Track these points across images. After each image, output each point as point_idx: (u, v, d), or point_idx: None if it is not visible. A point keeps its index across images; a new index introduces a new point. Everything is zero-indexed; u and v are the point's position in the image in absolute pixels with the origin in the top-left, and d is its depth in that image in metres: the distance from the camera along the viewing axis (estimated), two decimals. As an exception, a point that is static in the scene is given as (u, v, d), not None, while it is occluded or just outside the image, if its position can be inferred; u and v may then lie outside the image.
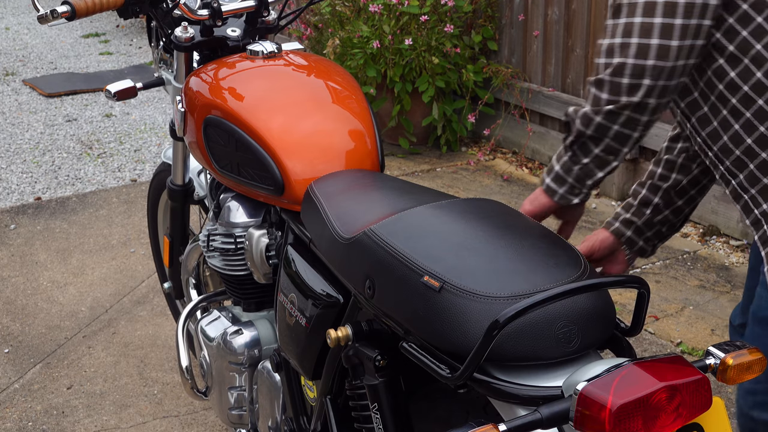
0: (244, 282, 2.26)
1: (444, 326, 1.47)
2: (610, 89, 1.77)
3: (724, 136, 1.83)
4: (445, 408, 1.76)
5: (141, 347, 3.36)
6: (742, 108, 1.79)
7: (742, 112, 1.79)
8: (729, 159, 1.84)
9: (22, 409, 3.04)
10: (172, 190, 2.68)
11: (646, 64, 1.73)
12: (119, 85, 2.48)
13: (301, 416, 2.14)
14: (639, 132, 1.83)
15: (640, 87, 1.75)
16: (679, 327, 3.40)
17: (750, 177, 1.82)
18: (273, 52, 2.28)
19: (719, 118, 1.83)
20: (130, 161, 5.16)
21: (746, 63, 1.77)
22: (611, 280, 1.47)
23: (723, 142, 1.83)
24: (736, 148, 1.82)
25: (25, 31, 8.00)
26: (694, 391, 1.30)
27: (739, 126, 1.80)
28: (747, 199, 1.83)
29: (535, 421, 1.29)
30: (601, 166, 1.88)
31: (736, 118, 1.80)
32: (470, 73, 4.94)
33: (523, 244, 1.58)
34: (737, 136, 1.81)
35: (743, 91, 1.78)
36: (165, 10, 2.34)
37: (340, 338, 1.72)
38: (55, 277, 3.88)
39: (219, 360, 2.30)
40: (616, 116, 1.79)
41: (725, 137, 1.83)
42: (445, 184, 4.74)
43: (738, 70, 1.78)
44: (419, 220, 1.68)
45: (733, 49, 1.77)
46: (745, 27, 1.76)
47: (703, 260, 3.87)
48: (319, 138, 2.10)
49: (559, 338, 1.43)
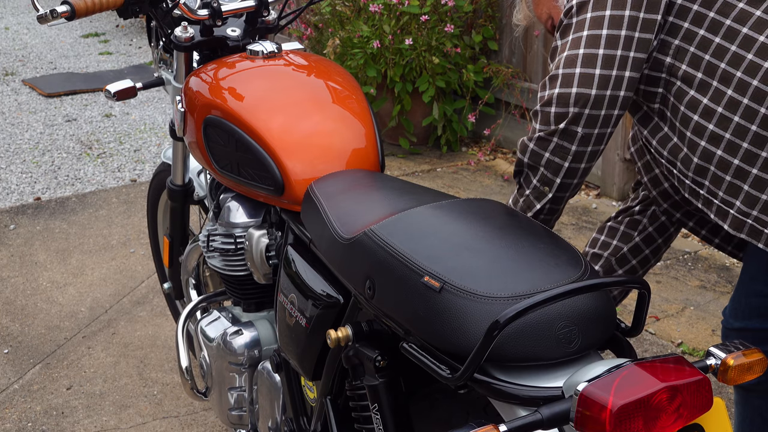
0: (244, 282, 2.26)
1: (444, 327, 1.47)
2: (541, 118, 1.87)
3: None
4: (446, 408, 1.76)
5: (141, 348, 3.36)
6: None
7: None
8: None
9: (22, 410, 3.03)
10: (171, 190, 2.67)
11: (570, 91, 1.81)
12: (119, 85, 2.48)
13: (301, 417, 2.14)
14: (569, 162, 1.88)
15: (566, 115, 1.83)
16: (680, 327, 3.40)
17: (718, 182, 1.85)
18: (273, 52, 2.27)
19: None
20: (130, 161, 5.15)
21: (715, 86, 1.80)
22: (612, 280, 1.47)
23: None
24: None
25: (25, 30, 8.00)
26: (694, 392, 1.30)
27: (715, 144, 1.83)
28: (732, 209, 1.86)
29: (535, 422, 1.29)
30: (539, 197, 1.95)
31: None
32: (471, 73, 4.93)
33: (523, 245, 1.58)
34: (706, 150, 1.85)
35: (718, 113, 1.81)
36: (165, 9, 2.34)
37: (340, 339, 1.72)
38: (55, 277, 3.87)
39: (219, 360, 2.30)
40: (546, 143, 1.87)
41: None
42: (445, 185, 4.74)
43: (709, 95, 1.81)
44: (419, 221, 1.68)
45: (702, 75, 1.82)
46: (706, 51, 1.81)
47: (703, 260, 3.86)
48: (319, 138, 2.10)
49: (559, 339, 1.43)
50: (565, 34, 1.87)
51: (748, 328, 2.05)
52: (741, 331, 2.07)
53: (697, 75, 1.81)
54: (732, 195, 1.82)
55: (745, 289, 2.05)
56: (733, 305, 2.10)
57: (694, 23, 1.82)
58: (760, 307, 2.03)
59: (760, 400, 2.10)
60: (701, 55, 1.80)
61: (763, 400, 2.09)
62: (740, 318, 2.07)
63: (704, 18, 1.80)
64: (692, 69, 1.82)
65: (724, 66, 1.78)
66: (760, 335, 2.03)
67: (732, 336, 2.11)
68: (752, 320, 2.04)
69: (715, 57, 1.79)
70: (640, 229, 2.26)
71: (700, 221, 2.17)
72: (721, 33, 1.79)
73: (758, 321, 2.04)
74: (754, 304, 2.04)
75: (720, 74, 1.79)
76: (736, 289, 2.10)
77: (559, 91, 1.83)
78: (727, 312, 2.11)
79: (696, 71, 1.82)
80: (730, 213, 1.83)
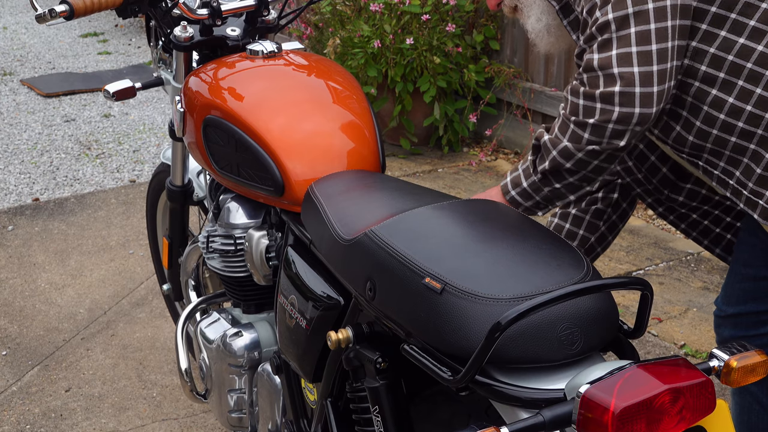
0: (243, 284, 2.25)
1: (445, 328, 1.46)
2: (593, 131, 1.81)
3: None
4: (447, 411, 1.75)
5: (140, 349, 3.35)
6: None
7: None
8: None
9: (20, 412, 3.02)
10: (171, 190, 2.67)
11: (634, 111, 1.77)
12: (118, 85, 2.48)
13: (302, 419, 2.13)
14: (616, 163, 1.88)
15: (626, 133, 1.79)
16: (683, 329, 3.39)
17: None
18: (273, 52, 2.27)
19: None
20: (129, 162, 5.15)
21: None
22: (614, 281, 1.46)
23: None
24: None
25: (23, 30, 8.00)
26: (697, 394, 1.30)
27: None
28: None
29: (537, 424, 1.29)
30: (573, 191, 1.94)
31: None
32: (472, 72, 4.93)
33: (525, 246, 1.58)
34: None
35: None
36: (164, 9, 2.33)
37: (340, 340, 1.72)
38: (53, 278, 3.87)
39: (218, 362, 2.29)
40: (598, 154, 1.84)
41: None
42: (446, 185, 4.73)
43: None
44: (420, 222, 1.67)
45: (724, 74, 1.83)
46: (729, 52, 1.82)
47: (706, 262, 3.85)
48: (319, 138, 2.09)
49: (561, 340, 1.42)
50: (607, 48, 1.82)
51: (742, 312, 2.08)
52: (735, 316, 2.10)
53: (719, 75, 1.82)
54: (763, 186, 1.85)
55: (738, 275, 2.08)
56: (725, 293, 2.13)
57: (713, 25, 1.82)
58: (755, 290, 2.06)
59: (756, 387, 2.11)
60: (723, 56, 1.81)
61: (758, 386, 2.11)
62: (733, 303, 2.10)
63: (725, 20, 1.81)
64: (713, 69, 1.82)
65: (750, 66, 1.80)
66: (754, 319, 2.07)
67: (725, 324, 2.14)
68: (746, 304, 2.07)
69: (740, 57, 1.80)
70: (605, 218, 2.29)
71: (681, 216, 2.20)
72: (745, 34, 1.80)
73: (753, 305, 2.07)
74: (748, 288, 2.06)
75: (746, 74, 1.81)
76: (727, 277, 2.12)
77: (620, 111, 1.78)
78: (719, 300, 2.14)
79: (718, 71, 1.82)
80: (759, 203, 1.86)
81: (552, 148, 1.87)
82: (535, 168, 1.93)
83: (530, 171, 1.94)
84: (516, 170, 1.98)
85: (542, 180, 1.92)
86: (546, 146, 1.88)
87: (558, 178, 1.90)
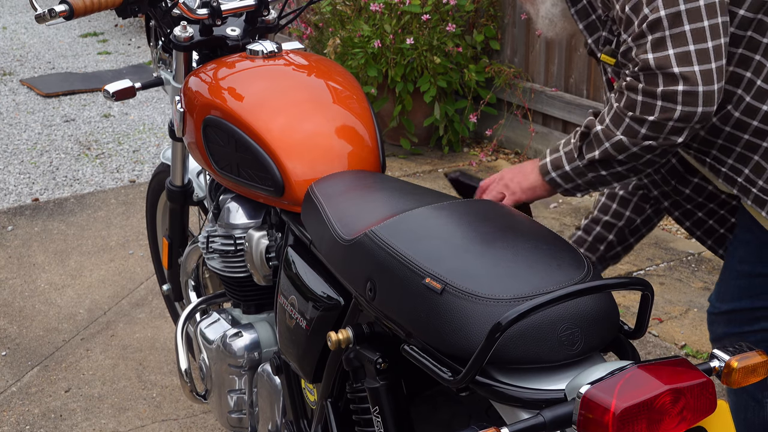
0: (243, 284, 2.25)
1: (446, 329, 1.46)
2: (652, 128, 1.78)
3: None
4: (447, 411, 1.75)
5: (140, 350, 3.35)
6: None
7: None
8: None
9: (20, 413, 3.02)
10: (171, 191, 2.67)
11: (697, 110, 1.74)
12: (118, 85, 2.48)
13: (302, 419, 2.13)
14: (669, 157, 1.86)
15: (685, 130, 1.77)
16: (684, 329, 3.39)
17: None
18: (273, 52, 2.26)
19: None
20: (129, 162, 5.14)
21: None
22: (615, 282, 1.46)
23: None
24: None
25: (23, 30, 7.99)
26: (698, 395, 1.29)
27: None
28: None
29: (538, 425, 1.29)
30: (619, 179, 1.91)
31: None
32: (472, 72, 4.92)
33: (525, 246, 1.58)
34: None
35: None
36: (164, 9, 2.33)
37: (340, 341, 1.71)
38: (53, 279, 3.86)
39: (218, 363, 2.29)
40: (653, 149, 1.81)
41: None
42: (446, 185, 4.73)
43: None
44: (421, 222, 1.67)
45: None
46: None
47: (707, 262, 3.85)
48: (319, 139, 2.09)
49: (562, 341, 1.42)
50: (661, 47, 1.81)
51: (737, 309, 2.08)
52: (729, 313, 2.10)
53: (745, 75, 1.84)
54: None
55: (733, 272, 2.08)
56: (719, 290, 2.12)
57: (740, 28, 1.83)
58: (750, 287, 2.05)
59: (752, 384, 2.10)
60: (750, 56, 1.83)
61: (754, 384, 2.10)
62: (728, 300, 2.09)
63: (751, 21, 1.82)
64: (740, 69, 1.84)
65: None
66: (748, 315, 2.06)
67: (718, 320, 2.13)
68: (741, 301, 2.07)
69: (765, 57, 1.81)
70: (650, 203, 2.28)
71: (686, 213, 2.20)
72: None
73: (747, 301, 2.06)
74: (743, 285, 2.06)
75: (766, 74, 1.82)
76: (722, 275, 2.12)
77: (682, 109, 1.75)
78: (713, 298, 2.13)
79: (744, 71, 1.84)
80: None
81: (605, 139, 1.83)
82: (581, 154, 1.89)
83: (574, 155, 1.90)
84: (557, 151, 1.93)
85: (588, 166, 1.89)
86: (598, 137, 1.84)
87: (606, 167, 1.87)
